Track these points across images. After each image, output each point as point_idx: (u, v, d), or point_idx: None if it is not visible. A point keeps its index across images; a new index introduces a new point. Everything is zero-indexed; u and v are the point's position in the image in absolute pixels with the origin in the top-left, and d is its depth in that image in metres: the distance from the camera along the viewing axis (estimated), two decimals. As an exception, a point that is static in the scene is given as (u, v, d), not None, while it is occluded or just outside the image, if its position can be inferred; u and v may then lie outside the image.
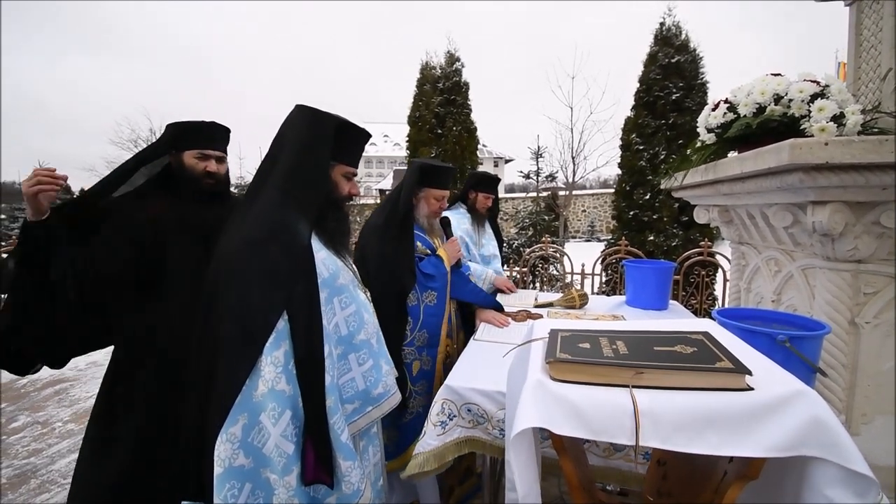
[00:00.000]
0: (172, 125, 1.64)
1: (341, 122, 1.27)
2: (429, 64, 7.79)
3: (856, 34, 1.92)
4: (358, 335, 1.30)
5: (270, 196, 1.19)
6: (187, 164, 1.62)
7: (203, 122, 1.66)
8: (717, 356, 0.86)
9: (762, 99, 1.66)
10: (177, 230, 1.57)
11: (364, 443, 1.36)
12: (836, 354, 1.57)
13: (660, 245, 6.29)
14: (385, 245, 2.01)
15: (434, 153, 7.36)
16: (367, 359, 1.33)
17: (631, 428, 0.77)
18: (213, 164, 1.65)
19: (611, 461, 1.45)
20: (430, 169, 2.13)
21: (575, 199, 20.43)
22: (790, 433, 0.72)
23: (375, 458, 1.42)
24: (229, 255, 1.13)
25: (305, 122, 1.25)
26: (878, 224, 1.48)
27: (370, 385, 1.32)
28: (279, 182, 1.20)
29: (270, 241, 1.13)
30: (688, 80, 6.35)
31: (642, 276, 2.52)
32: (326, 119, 1.25)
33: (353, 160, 1.36)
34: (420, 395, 2.02)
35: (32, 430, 3.06)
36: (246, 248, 1.12)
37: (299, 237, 1.17)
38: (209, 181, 1.65)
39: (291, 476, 1.04)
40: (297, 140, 1.23)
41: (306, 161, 1.22)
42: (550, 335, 1.05)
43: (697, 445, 0.74)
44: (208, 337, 1.10)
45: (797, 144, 1.36)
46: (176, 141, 1.63)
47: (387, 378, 1.38)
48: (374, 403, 1.33)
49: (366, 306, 1.39)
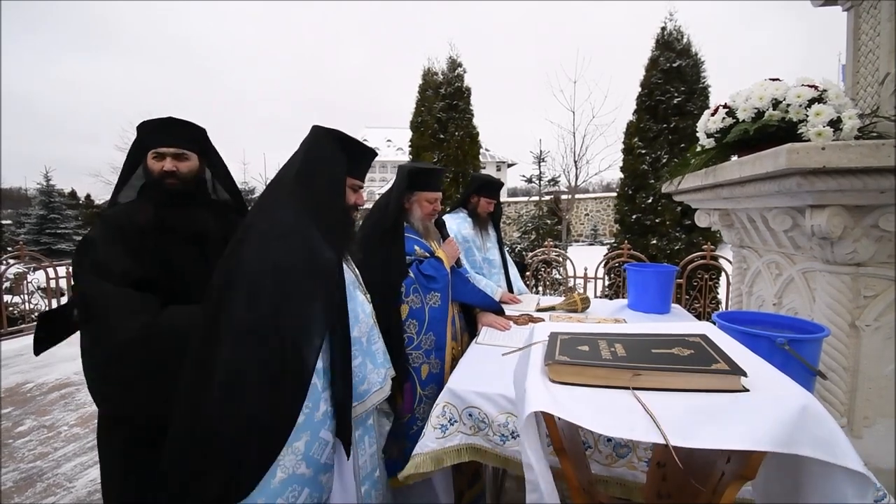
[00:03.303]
0: (137, 127, 1.56)
1: (353, 140, 1.42)
2: (431, 70, 7.85)
3: (854, 39, 1.93)
4: (351, 332, 1.36)
5: (292, 208, 1.28)
6: (149, 167, 1.56)
7: (156, 119, 1.57)
8: (714, 358, 0.87)
9: (760, 104, 1.67)
10: (162, 235, 1.53)
11: (360, 432, 1.41)
12: (837, 357, 1.58)
13: (662, 249, 6.30)
14: (375, 252, 1.94)
15: (436, 158, 7.40)
16: (357, 355, 1.38)
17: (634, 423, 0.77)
18: (169, 162, 1.55)
19: (613, 469, 1.43)
20: (419, 172, 2.11)
21: (577, 202, 20.40)
22: (783, 434, 0.73)
23: (371, 449, 1.46)
24: (262, 274, 1.18)
25: (323, 140, 1.38)
26: (877, 227, 1.49)
27: (357, 381, 1.37)
28: (303, 199, 1.30)
29: (313, 271, 1.23)
30: (689, 84, 6.38)
31: (644, 280, 2.53)
32: (340, 137, 1.39)
33: (361, 174, 1.49)
34: (430, 399, 1.97)
35: (38, 434, 3.08)
36: (288, 272, 1.19)
37: (332, 256, 1.28)
38: (170, 181, 1.55)
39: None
40: (316, 158, 1.36)
41: (326, 178, 1.35)
42: (550, 338, 1.06)
43: (694, 440, 0.75)
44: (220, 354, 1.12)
45: (794, 149, 1.37)
46: (140, 143, 1.56)
47: (371, 375, 1.44)
48: (359, 400, 1.38)
49: (363, 305, 1.46)
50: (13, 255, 5.54)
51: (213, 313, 1.17)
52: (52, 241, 16.79)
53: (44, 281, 5.79)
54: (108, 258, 1.45)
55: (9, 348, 4.97)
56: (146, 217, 1.53)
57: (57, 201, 17.75)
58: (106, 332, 1.43)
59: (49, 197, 17.52)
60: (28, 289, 5.90)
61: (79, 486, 2.47)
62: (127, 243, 1.47)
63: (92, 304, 1.43)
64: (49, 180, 17.79)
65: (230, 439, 1.09)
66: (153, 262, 1.50)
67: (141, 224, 1.52)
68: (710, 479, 0.92)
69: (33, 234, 16.65)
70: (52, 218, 17.20)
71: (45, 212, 17.15)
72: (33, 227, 16.96)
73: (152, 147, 1.55)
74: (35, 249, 9.67)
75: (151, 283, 1.49)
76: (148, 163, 1.56)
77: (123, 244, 1.47)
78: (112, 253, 1.45)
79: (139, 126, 1.57)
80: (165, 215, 1.55)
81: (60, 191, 19.27)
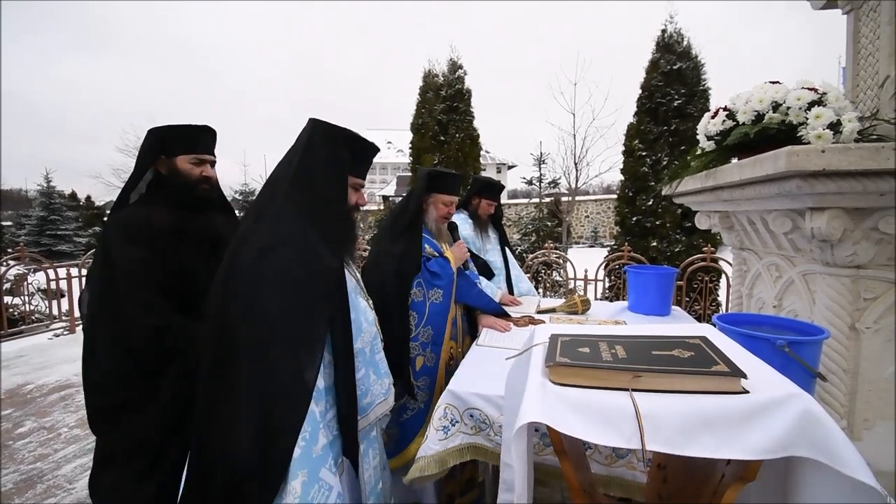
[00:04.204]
0: (157, 130, 1.58)
1: (353, 135, 1.31)
2: (432, 71, 7.87)
3: (854, 41, 1.94)
4: (354, 343, 1.30)
5: (290, 212, 1.21)
6: (182, 170, 1.57)
7: (197, 126, 1.61)
8: (714, 360, 0.87)
9: (760, 107, 1.68)
10: (180, 238, 1.56)
11: (364, 446, 1.36)
12: (837, 360, 1.58)
13: (663, 251, 6.30)
14: (393, 244, 2.09)
15: (437, 160, 7.41)
16: (360, 367, 1.33)
17: (631, 431, 0.78)
18: (209, 168, 1.63)
19: (613, 469, 1.44)
20: (439, 175, 2.22)
21: (578, 204, 20.41)
22: (783, 435, 0.73)
23: (375, 462, 1.43)
24: (255, 284, 1.11)
25: (321, 136, 1.27)
26: (877, 230, 1.49)
27: (360, 394, 1.32)
28: (298, 199, 1.22)
29: (310, 279, 1.15)
30: (690, 86, 6.39)
31: (644, 282, 2.53)
32: (340, 133, 1.29)
33: (362, 172, 1.39)
34: (422, 390, 2.06)
35: (39, 436, 3.08)
36: (286, 288, 1.12)
37: (333, 265, 1.21)
38: (205, 186, 1.62)
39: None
40: (315, 157, 1.26)
41: (326, 179, 1.25)
42: (550, 340, 1.07)
43: (694, 448, 0.76)
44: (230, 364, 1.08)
45: (794, 151, 1.38)
46: (165, 146, 1.57)
47: (374, 387, 1.38)
48: (362, 413, 1.33)
49: (366, 313, 1.40)
50: (14, 257, 5.54)
51: (213, 335, 1.13)
52: (53, 242, 16.80)
53: (44, 282, 5.80)
54: (126, 258, 1.46)
55: (9, 350, 4.96)
56: (165, 220, 1.55)
57: (57, 203, 17.75)
58: (115, 336, 1.46)
59: (49, 198, 17.53)
60: (28, 290, 5.90)
61: (79, 487, 2.46)
62: (146, 244, 1.50)
63: (106, 302, 1.46)
64: (49, 181, 17.81)
65: (223, 483, 1.02)
66: (169, 264, 1.52)
67: (162, 227, 1.54)
68: (710, 480, 0.92)
69: (34, 236, 16.65)
70: (52, 219, 17.20)
71: (45, 213, 17.16)
72: (34, 229, 16.96)
73: (193, 152, 1.58)
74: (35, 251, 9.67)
75: (166, 284, 1.51)
76: (181, 166, 1.58)
77: (142, 245, 1.49)
78: (129, 253, 1.47)
79: (162, 129, 1.58)
80: (188, 218, 1.59)
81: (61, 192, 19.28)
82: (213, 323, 1.14)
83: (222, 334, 1.10)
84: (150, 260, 1.47)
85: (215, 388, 1.10)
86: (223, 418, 1.06)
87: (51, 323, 5.87)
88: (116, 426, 1.49)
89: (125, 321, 1.44)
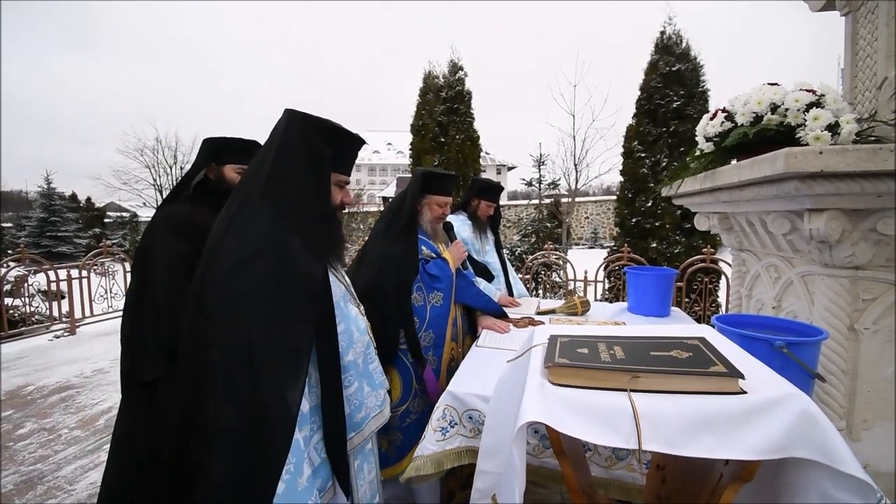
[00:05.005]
0: (213, 140, 1.77)
1: (334, 127, 1.19)
2: (432, 73, 7.87)
3: (852, 43, 1.95)
4: (346, 356, 1.24)
5: (266, 214, 1.10)
6: (228, 178, 1.75)
7: (247, 140, 1.80)
8: (712, 360, 0.88)
9: (759, 108, 1.68)
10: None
11: (359, 461, 1.32)
12: (836, 360, 1.58)
13: (662, 252, 6.30)
14: (388, 247, 2.06)
15: (437, 161, 7.41)
16: (353, 381, 1.27)
17: (629, 431, 0.78)
18: None
19: (612, 472, 1.44)
20: (433, 176, 2.20)
21: (578, 205, 20.43)
22: (781, 435, 0.74)
23: (370, 476, 1.39)
24: (228, 286, 1.01)
25: (299, 129, 1.16)
26: (875, 231, 1.49)
27: (353, 409, 1.26)
28: (275, 199, 1.11)
29: (290, 291, 1.05)
30: (689, 88, 6.40)
31: (644, 283, 2.54)
32: (320, 125, 1.17)
33: (347, 168, 1.28)
34: (424, 394, 2.04)
35: (39, 437, 3.09)
36: (259, 298, 1.01)
37: (315, 272, 1.12)
38: None
39: None
40: (293, 150, 1.15)
41: (306, 176, 1.15)
42: (550, 341, 1.07)
43: (693, 448, 0.76)
44: (199, 364, 1.00)
45: (792, 153, 1.38)
46: (216, 154, 1.75)
47: (369, 400, 1.31)
48: (356, 429, 1.27)
49: (357, 322, 1.31)
50: (14, 258, 5.54)
51: (185, 360, 1.04)
52: (53, 243, 16.83)
53: (44, 284, 5.81)
54: (168, 246, 1.58)
55: (9, 351, 4.97)
56: (206, 220, 1.62)
57: (58, 204, 17.79)
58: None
59: (50, 200, 17.57)
60: (29, 292, 5.91)
61: (79, 488, 2.47)
62: (187, 238, 1.58)
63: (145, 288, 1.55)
64: (50, 183, 17.84)
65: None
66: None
67: (203, 225, 1.60)
68: (708, 481, 0.92)
69: (34, 237, 16.68)
70: (52, 221, 17.24)
71: (45, 214, 17.20)
72: (34, 230, 17.00)
73: (240, 163, 1.76)
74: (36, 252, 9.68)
75: None
76: (227, 174, 1.76)
77: (184, 238, 1.59)
78: (173, 243, 1.58)
79: (216, 140, 1.77)
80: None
81: (61, 193, 19.32)
82: (185, 345, 1.05)
83: (195, 359, 1.01)
84: (189, 254, 1.54)
85: (191, 418, 1.00)
86: (198, 451, 0.96)
87: (51, 324, 5.87)
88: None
89: (161, 306, 1.52)
